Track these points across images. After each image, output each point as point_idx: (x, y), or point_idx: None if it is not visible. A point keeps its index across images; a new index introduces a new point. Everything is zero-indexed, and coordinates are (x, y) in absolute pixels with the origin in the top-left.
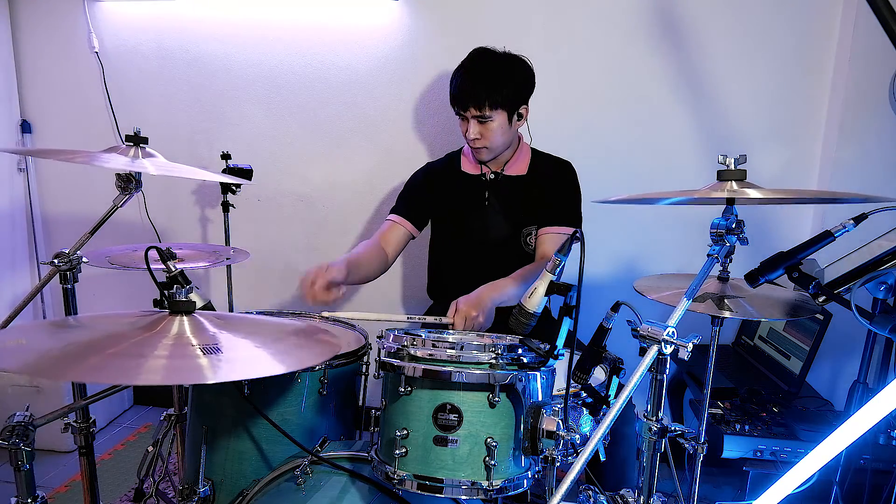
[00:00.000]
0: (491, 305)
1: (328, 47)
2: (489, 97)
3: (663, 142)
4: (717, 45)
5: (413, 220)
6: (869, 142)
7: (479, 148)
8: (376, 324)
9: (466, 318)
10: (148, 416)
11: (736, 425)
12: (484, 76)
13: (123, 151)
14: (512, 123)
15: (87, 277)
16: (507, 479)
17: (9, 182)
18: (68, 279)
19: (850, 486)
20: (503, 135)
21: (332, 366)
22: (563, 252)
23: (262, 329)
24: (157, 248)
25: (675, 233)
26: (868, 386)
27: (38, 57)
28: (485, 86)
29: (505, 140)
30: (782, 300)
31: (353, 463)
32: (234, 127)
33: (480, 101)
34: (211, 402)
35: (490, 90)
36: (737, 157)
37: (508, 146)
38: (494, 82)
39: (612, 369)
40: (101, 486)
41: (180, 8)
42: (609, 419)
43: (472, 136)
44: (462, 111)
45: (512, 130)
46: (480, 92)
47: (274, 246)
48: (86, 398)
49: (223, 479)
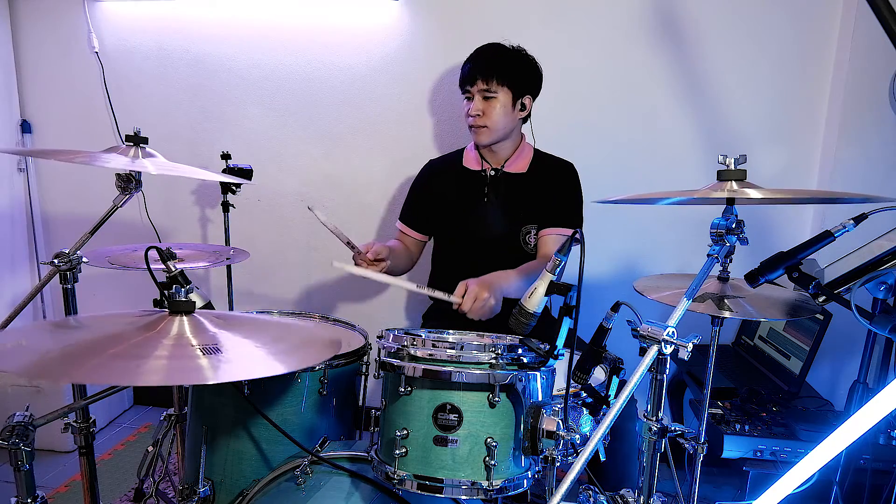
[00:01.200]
0: (501, 291)
1: (328, 47)
2: (497, 71)
3: (663, 142)
4: (717, 45)
5: (418, 228)
6: (869, 142)
7: (479, 127)
8: (377, 324)
9: (476, 297)
10: (148, 416)
11: (736, 425)
12: (494, 54)
13: (123, 151)
14: (514, 109)
15: (87, 277)
16: (507, 479)
17: (9, 182)
18: (68, 279)
19: (850, 486)
20: (504, 116)
21: (332, 366)
22: (564, 252)
23: (262, 329)
24: (157, 248)
25: (675, 233)
26: (868, 386)
27: (38, 57)
28: (494, 62)
29: (505, 125)
30: (782, 300)
31: (353, 463)
32: (234, 127)
33: (488, 73)
34: (211, 402)
35: (498, 65)
36: (737, 157)
37: (508, 136)
38: (503, 59)
39: (612, 369)
40: (101, 486)
41: (180, 8)
42: (609, 419)
43: (474, 111)
44: (469, 86)
45: (513, 118)
46: (489, 66)
47: (274, 246)
48: (86, 398)
49: (223, 479)
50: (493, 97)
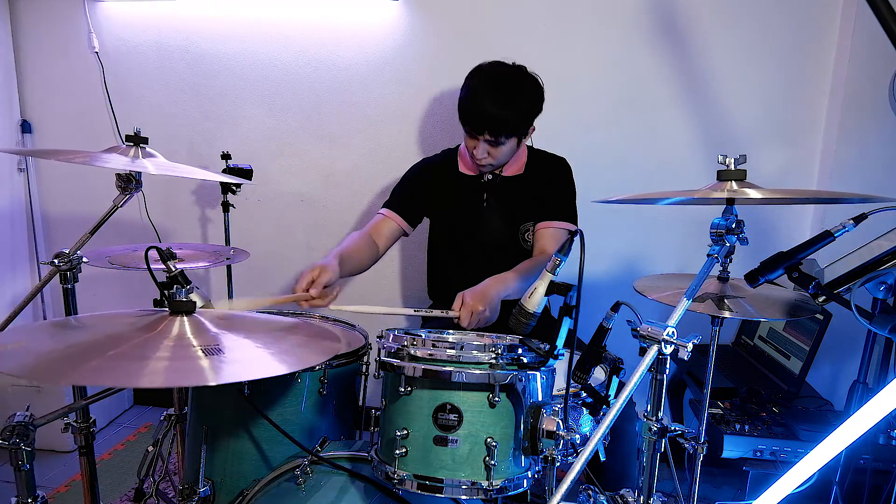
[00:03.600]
0: (497, 300)
1: (328, 47)
2: (504, 127)
3: (663, 142)
4: (717, 45)
5: (406, 216)
6: (869, 142)
7: (484, 165)
8: (377, 324)
9: (472, 312)
10: (148, 415)
11: (736, 425)
12: (498, 103)
13: (123, 151)
14: (520, 144)
15: (87, 277)
16: (507, 479)
17: (9, 182)
18: (68, 279)
19: (849, 486)
20: (511, 154)
21: (332, 366)
22: (563, 252)
23: (262, 329)
24: (157, 248)
25: (675, 233)
26: (868, 386)
27: (38, 57)
28: (500, 116)
29: (511, 157)
30: (782, 300)
31: (353, 463)
32: (234, 127)
33: (495, 130)
34: (211, 402)
35: (505, 121)
36: (737, 157)
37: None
38: (510, 111)
39: (612, 369)
40: (102, 486)
41: (180, 8)
42: (609, 419)
43: (480, 156)
44: (476, 133)
45: (520, 146)
46: (495, 122)
47: (274, 246)
48: (86, 398)
49: (223, 479)
50: (501, 145)
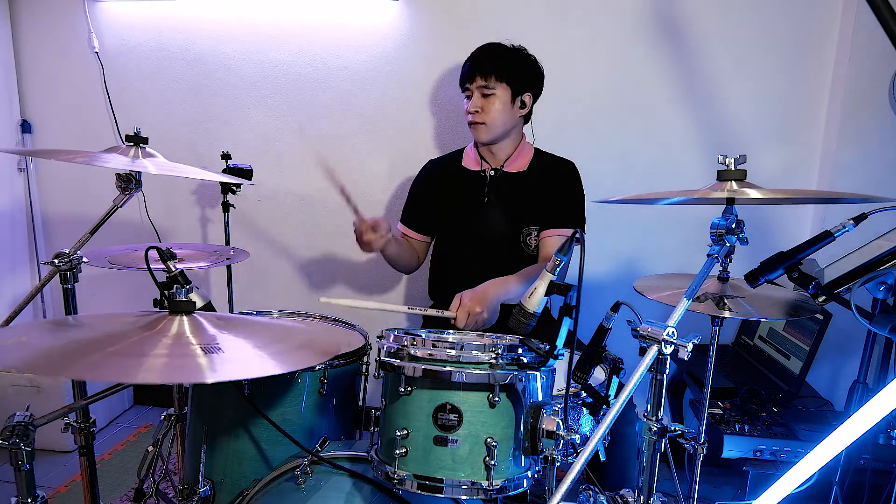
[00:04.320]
0: (496, 303)
1: (328, 47)
2: (495, 67)
3: (663, 142)
4: (717, 45)
5: (419, 229)
6: (869, 142)
7: (478, 124)
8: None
9: (470, 313)
10: (148, 416)
11: (736, 425)
12: (493, 52)
13: (123, 151)
14: (514, 106)
15: (87, 277)
16: (507, 479)
17: (9, 182)
18: (68, 279)
19: (849, 486)
20: (503, 113)
21: (332, 366)
22: (563, 252)
23: (262, 330)
24: (157, 248)
25: (675, 233)
26: (868, 386)
27: (38, 57)
28: (493, 59)
29: (504, 122)
30: (782, 300)
31: (353, 463)
32: (234, 127)
33: (486, 70)
34: (211, 402)
35: (497, 62)
36: (737, 157)
37: (508, 135)
38: (502, 57)
39: (612, 369)
40: (102, 486)
41: (180, 8)
42: (609, 419)
43: (473, 107)
44: (468, 83)
45: (513, 115)
46: (488, 63)
47: (274, 246)
48: (86, 398)
49: (223, 479)
50: (492, 94)
